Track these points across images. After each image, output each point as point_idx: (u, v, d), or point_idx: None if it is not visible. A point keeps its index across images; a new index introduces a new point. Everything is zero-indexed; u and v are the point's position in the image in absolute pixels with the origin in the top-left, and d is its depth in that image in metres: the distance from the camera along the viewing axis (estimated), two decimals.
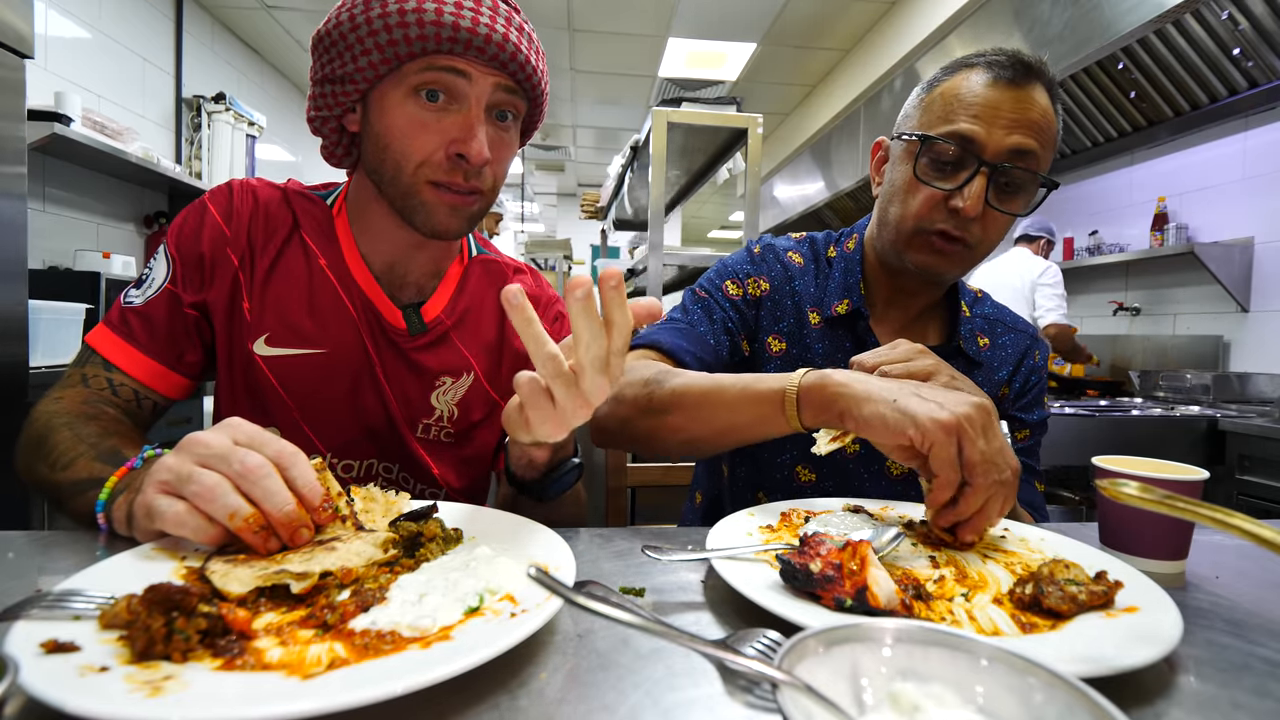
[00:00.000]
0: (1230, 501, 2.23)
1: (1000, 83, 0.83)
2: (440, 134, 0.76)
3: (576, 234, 8.02)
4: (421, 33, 0.72)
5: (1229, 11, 2.38)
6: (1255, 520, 0.39)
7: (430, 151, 0.77)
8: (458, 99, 0.77)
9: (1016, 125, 0.82)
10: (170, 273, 0.84)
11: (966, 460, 0.60)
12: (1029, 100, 0.82)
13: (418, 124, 0.76)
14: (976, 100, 0.83)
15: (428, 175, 0.78)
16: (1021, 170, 0.83)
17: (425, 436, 0.90)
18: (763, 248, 1.04)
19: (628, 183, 3.35)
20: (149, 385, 0.82)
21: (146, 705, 0.33)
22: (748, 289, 0.99)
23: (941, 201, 0.85)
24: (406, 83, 0.76)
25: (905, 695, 0.33)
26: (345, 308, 0.86)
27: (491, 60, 0.75)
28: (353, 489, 0.63)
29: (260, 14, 4.08)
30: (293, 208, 0.88)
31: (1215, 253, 2.83)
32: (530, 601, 0.46)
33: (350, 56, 0.75)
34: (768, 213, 6.30)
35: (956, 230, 0.85)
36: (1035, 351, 1.03)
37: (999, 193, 0.84)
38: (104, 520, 0.63)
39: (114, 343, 0.82)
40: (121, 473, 0.64)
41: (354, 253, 0.88)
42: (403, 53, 0.74)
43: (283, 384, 0.84)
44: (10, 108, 1.61)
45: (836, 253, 1.02)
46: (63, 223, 2.86)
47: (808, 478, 0.97)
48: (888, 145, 0.96)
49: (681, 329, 0.95)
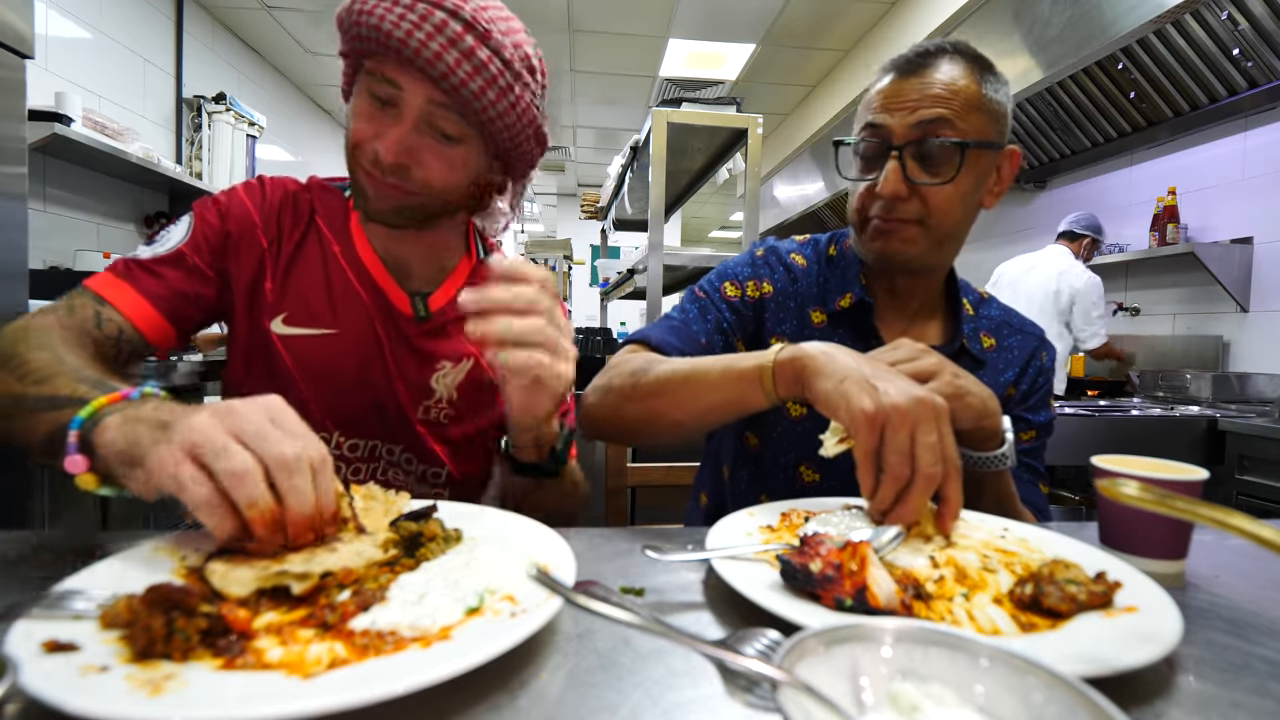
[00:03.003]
0: (1230, 501, 2.23)
1: (900, 74, 0.88)
2: (372, 129, 0.83)
3: (576, 234, 8.01)
4: (360, 33, 0.79)
5: (1229, 11, 2.38)
6: (1255, 520, 0.39)
7: (361, 141, 0.84)
8: (396, 105, 0.82)
9: (919, 104, 0.86)
10: (189, 236, 0.87)
11: (884, 450, 0.61)
12: (929, 79, 0.86)
13: (362, 115, 0.84)
14: (882, 95, 0.89)
15: (358, 160, 0.85)
16: (936, 140, 0.85)
17: (426, 418, 0.95)
18: (766, 250, 1.05)
19: (628, 183, 3.35)
20: (136, 325, 0.82)
21: (147, 705, 0.33)
22: (747, 291, 1.00)
23: (869, 190, 0.90)
24: (364, 80, 0.84)
25: (905, 695, 0.33)
26: (356, 293, 0.92)
27: (421, 75, 0.79)
28: (353, 488, 0.63)
29: (260, 14, 4.08)
30: (312, 200, 0.95)
31: (1215, 253, 2.83)
32: (530, 601, 0.46)
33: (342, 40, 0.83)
34: (768, 213, 6.30)
35: (887, 213, 0.89)
36: (1043, 353, 1.02)
37: (922, 166, 0.87)
38: (76, 439, 0.55)
39: (110, 282, 0.83)
40: (115, 398, 0.58)
41: (364, 242, 0.94)
42: (359, 48, 0.82)
43: (296, 361, 0.89)
44: (10, 108, 1.61)
45: (837, 251, 1.03)
46: (63, 223, 2.86)
47: (811, 479, 0.97)
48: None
49: (674, 326, 0.96)
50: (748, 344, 1.00)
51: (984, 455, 0.78)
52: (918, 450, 0.60)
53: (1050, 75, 2.81)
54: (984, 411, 0.74)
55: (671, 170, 3.00)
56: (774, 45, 4.50)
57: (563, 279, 5.49)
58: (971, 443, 0.77)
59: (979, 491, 0.79)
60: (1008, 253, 3.79)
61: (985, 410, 0.74)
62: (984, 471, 0.78)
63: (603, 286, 4.50)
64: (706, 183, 3.35)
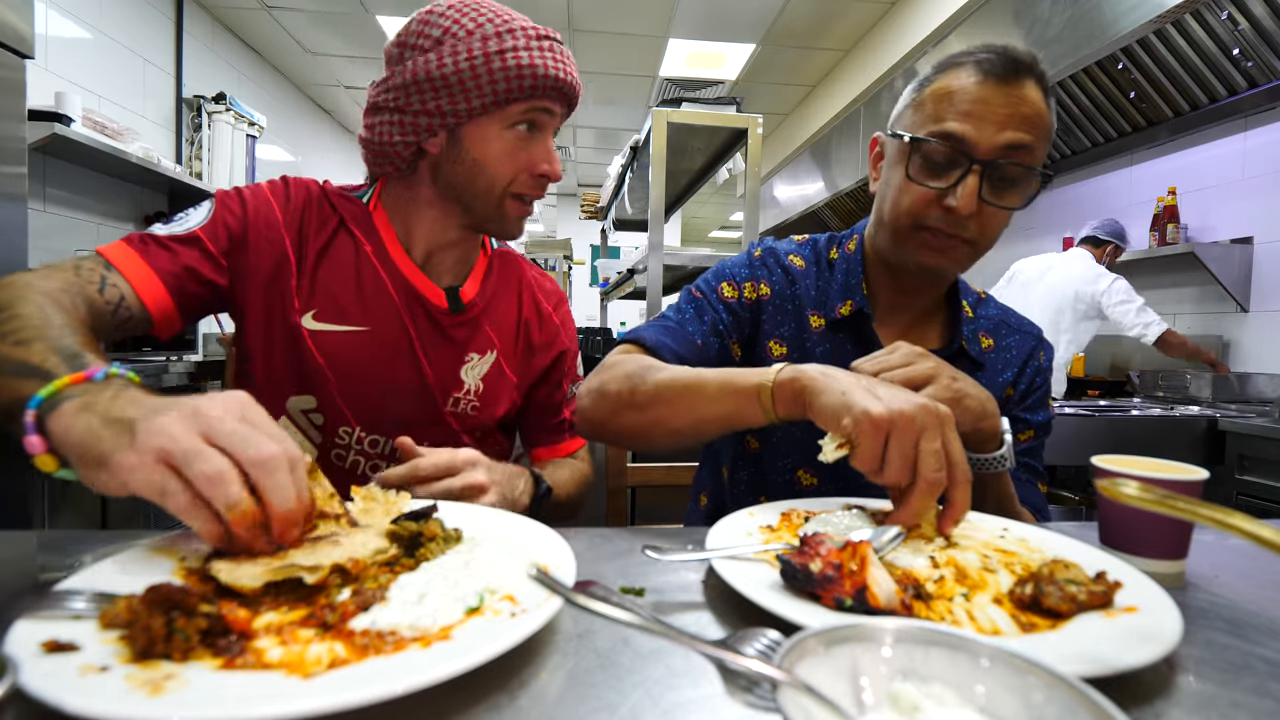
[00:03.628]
0: (1230, 501, 2.23)
1: (990, 80, 0.82)
2: (528, 158, 0.93)
3: (576, 234, 8.01)
4: (534, 84, 0.89)
5: (1229, 12, 2.38)
6: (1255, 520, 0.38)
7: (518, 172, 0.93)
8: (540, 129, 0.94)
9: (1008, 121, 0.81)
10: (208, 221, 0.89)
11: (887, 455, 0.61)
12: (1019, 96, 0.82)
13: (512, 150, 0.92)
14: (966, 99, 0.83)
15: (513, 190, 0.94)
16: (1015, 165, 0.82)
17: (455, 410, 1.00)
18: (763, 251, 1.04)
19: (628, 183, 3.35)
20: (140, 295, 0.82)
21: (147, 705, 0.33)
22: (744, 292, 0.99)
23: (935, 199, 0.85)
24: (508, 119, 0.91)
25: (905, 695, 0.33)
26: (387, 290, 0.96)
27: (567, 102, 0.95)
28: (353, 489, 0.63)
29: (260, 14, 4.08)
30: (334, 204, 0.98)
31: (1215, 253, 2.83)
32: (530, 601, 0.46)
33: (464, 97, 0.88)
34: (768, 213, 6.30)
35: (951, 228, 0.85)
36: (1040, 353, 1.02)
37: (994, 188, 0.84)
38: (34, 419, 0.53)
39: (122, 250, 0.84)
40: (77, 378, 0.55)
41: (395, 243, 0.99)
42: (514, 97, 0.89)
43: (326, 357, 0.92)
44: (10, 108, 1.61)
45: (838, 254, 1.02)
46: (63, 223, 2.86)
47: (809, 482, 0.97)
48: (884, 141, 0.95)
49: (670, 327, 0.95)
50: (744, 346, 1.00)
51: (983, 457, 0.78)
52: (921, 456, 0.60)
53: (1050, 75, 2.81)
54: (982, 413, 0.74)
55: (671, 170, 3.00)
56: (774, 45, 4.50)
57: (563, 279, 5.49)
58: (970, 444, 0.77)
59: (979, 493, 0.78)
60: (1007, 252, 3.80)
61: (983, 412, 0.74)
62: (983, 473, 0.78)
63: (603, 286, 4.50)
64: (706, 183, 3.35)
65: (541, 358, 1.09)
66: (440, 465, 0.77)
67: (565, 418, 1.12)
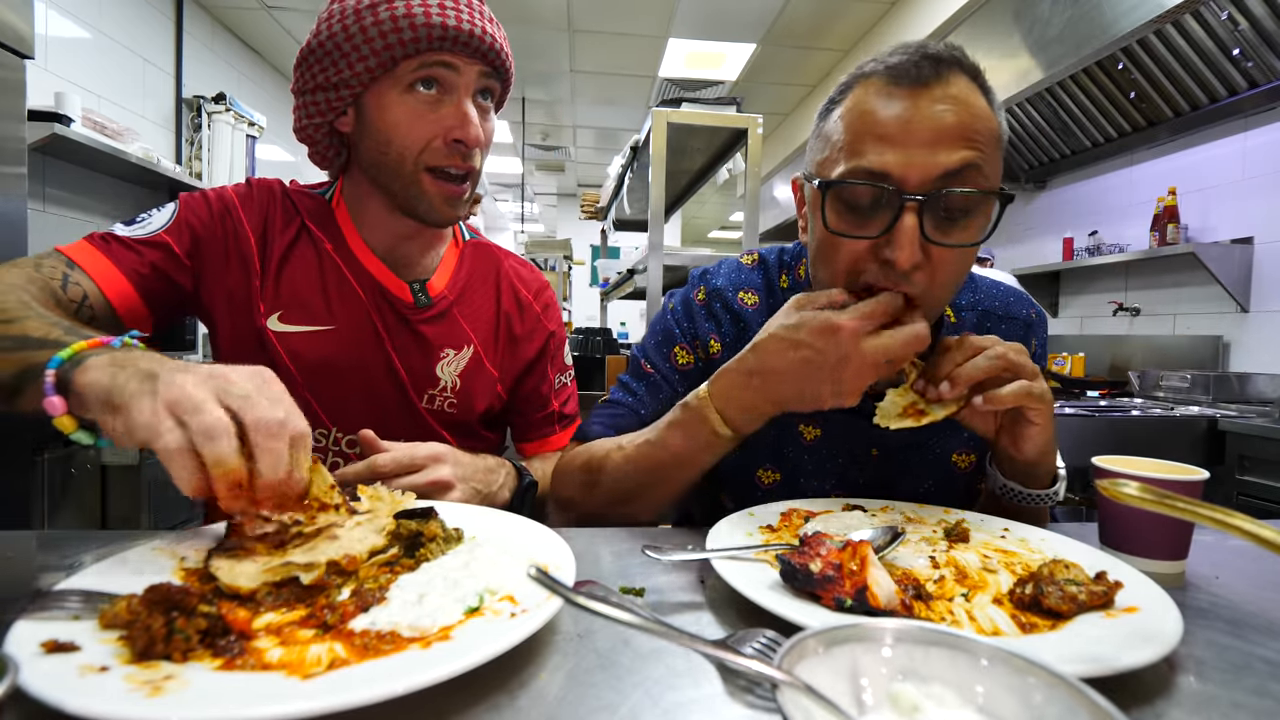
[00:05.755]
0: (1230, 501, 2.23)
1: (904, 88, 0.65)
2: (437, 123, 0.84)
3: (576, 234, 8.01)
4: (415, 35, 0.80)
5: (1229, 11, 2.38)
6: (1255, 520, 0.39)
7: (429, 138, 0.84)
8: (448, 89, 0.85)
9: (940, 138, 0.64)
10: (172, 223, 0.87)
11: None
12: (947, 99, 0.64)
13: (415, 115, 0.84)
14: (881, 119, 0.65)
15: (427, 162, 0.85)
16: (961, 192, 0.64)
17: (431, 407, 0.96)
18: (708, 294, 0.91)
19: (628, 183, 3.35)
20: (104, 293, 0.80)
21: (146, 705, 0.33)
22: (697, 354, 0.91)
23: (869, 253, 0.68)
24: (402, 81, 0.83)
25: (905, 695, 0.33)
26: (352, 288, 0.93)
27: (474, 53, 0.84)
28: (359, 488, 0.63)
29: (260, 14, 4.08)
30: (294, 202, 0.95)
31: (1215, 253, 2.83)
32: (530, 601, 0.46)
33: (346, 64, 0.82)
34: (768, 213, 6.30)
35: (894, 285, 0.67)
36: (1032, 339, 0.95)
37: (939, 225, 0.66)
38: (54, 379, 0.54)
39: (84, 249, 0.82)
40: (96, 343, 0.57)
41: (357, 239, 0.95)
42: (399, 54, 0.81)
43: (293, 359, 0.89)
44: (10, 108, 1.61)
45: (789, 282, 0.91)
46: (63, 223, 2.86)
47: (771, 479, 0.90)
48: (803, 184, 0.78)
49: (621, 414, 0.91)
50: None
51: (1033, 493, 0.77)
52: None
53: (1050, 75, 2.81)
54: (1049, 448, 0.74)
55: (671, 170, 3.00)
56: (774, 45, 4.50)
57: (563, 279, 5.49)
58: (1022, 478, 0.77)
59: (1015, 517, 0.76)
60: (1007, 253, 3.80)
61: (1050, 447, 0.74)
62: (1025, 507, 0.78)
63: (603, 287, 4.50)
64: (706, 183, 3.35)
65: (525, 349, 1.05)
66: (400, 461, 0.74)
67: (554, 409, 1.08)
